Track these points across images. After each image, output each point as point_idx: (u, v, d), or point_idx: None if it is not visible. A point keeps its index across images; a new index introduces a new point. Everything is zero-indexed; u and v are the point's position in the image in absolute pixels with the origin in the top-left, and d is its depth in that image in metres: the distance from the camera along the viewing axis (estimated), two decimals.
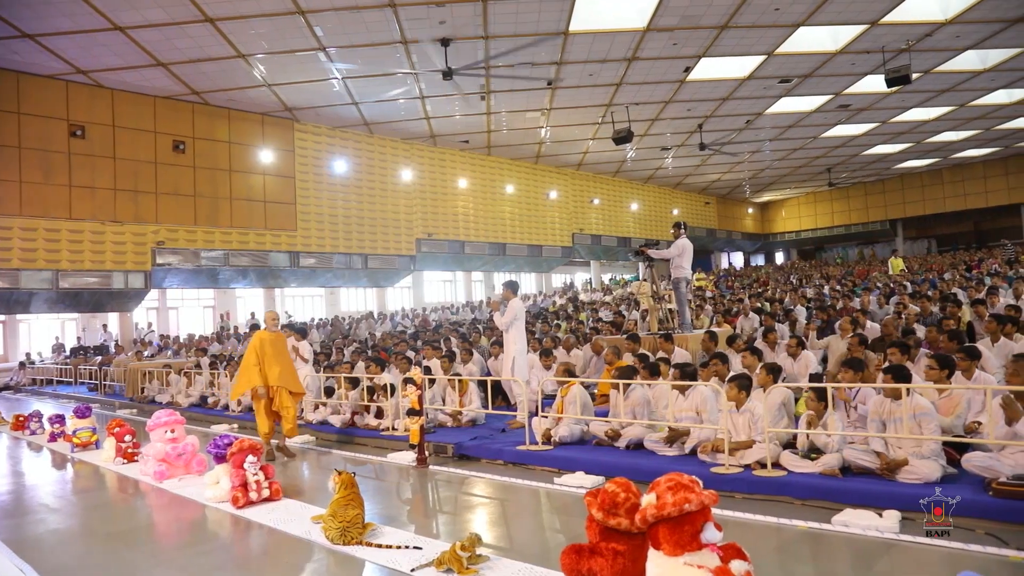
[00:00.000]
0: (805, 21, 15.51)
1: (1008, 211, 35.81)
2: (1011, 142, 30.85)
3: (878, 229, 40.11)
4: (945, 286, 15.46)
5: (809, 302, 15.51)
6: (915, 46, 17.30)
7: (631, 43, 16.16)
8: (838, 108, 22.75)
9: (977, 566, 3.36)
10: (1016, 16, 15.97)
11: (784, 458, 5.90)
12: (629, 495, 3.19)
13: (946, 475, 5.29)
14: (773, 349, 9.36)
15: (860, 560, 4.31)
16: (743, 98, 20.94)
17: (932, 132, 27.44)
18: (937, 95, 21.99)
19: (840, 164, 32.77)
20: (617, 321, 15.25)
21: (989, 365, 7.08)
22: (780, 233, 44.52)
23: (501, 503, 6.11)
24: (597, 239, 32.00)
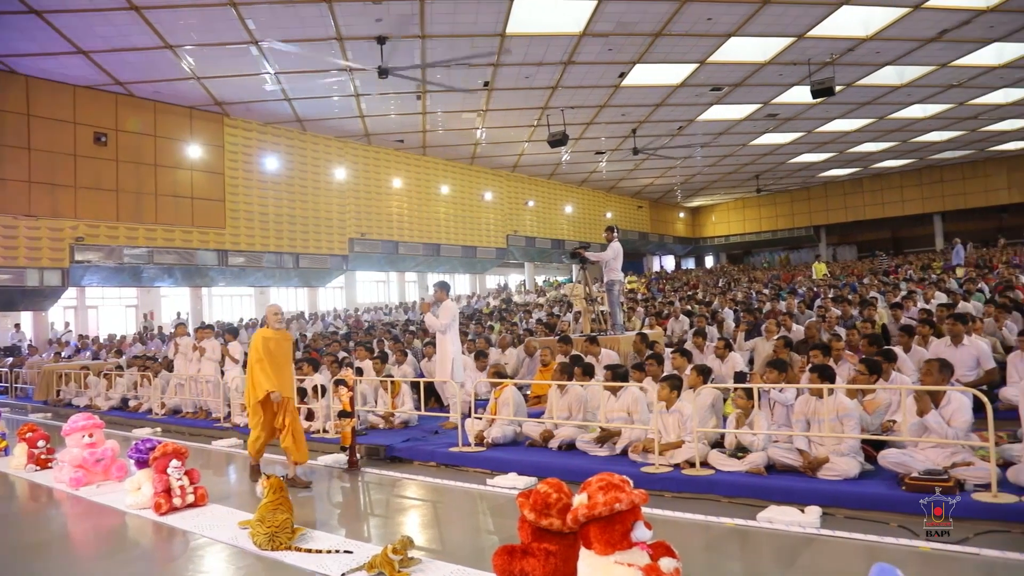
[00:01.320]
0: (736, 32, 15.92)
1: (922, 220, 37.55)
2: (925, 154, 32.33)
3: (803, 235, 41.47)
4: (864, 290, 16.09)
5: (737, 305, 15.92)
6: (839, 60, 17.96)
7: (567, 47, 16.31)
8: (766, 117, 23.43)
9: (891, 558, 3.50)
10: (930, 36, 16.75)
11: (712, 457, 6.03)
12: (561, 495, 3.21)
13: (864, 472, 5.51)
14: (703, 351, 9.57)
15: (783, 555, 4.44)
16: (676, 104, 21.36)
17: (854, 143, 28.53)
18: (859, 107, 22.87)
19: (768, 171, 33.76)
20: (550, 323, 15.36)
21: (906, 367, 7.40)
22: (710, 237, 45.61)
23: (434, 505, 6.07)
24: (532, 241, 32.18)
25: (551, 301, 23.43)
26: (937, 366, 5.71)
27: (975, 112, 24.47)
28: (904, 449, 5.48)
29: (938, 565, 4.12)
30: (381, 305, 28.51)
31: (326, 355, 11.92)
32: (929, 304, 11.62)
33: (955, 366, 6.30)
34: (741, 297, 18.40)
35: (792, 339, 9.31)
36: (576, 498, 3.10)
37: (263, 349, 6.78)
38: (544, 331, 13.96)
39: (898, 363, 7.09)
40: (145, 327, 21.87)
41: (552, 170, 30.85)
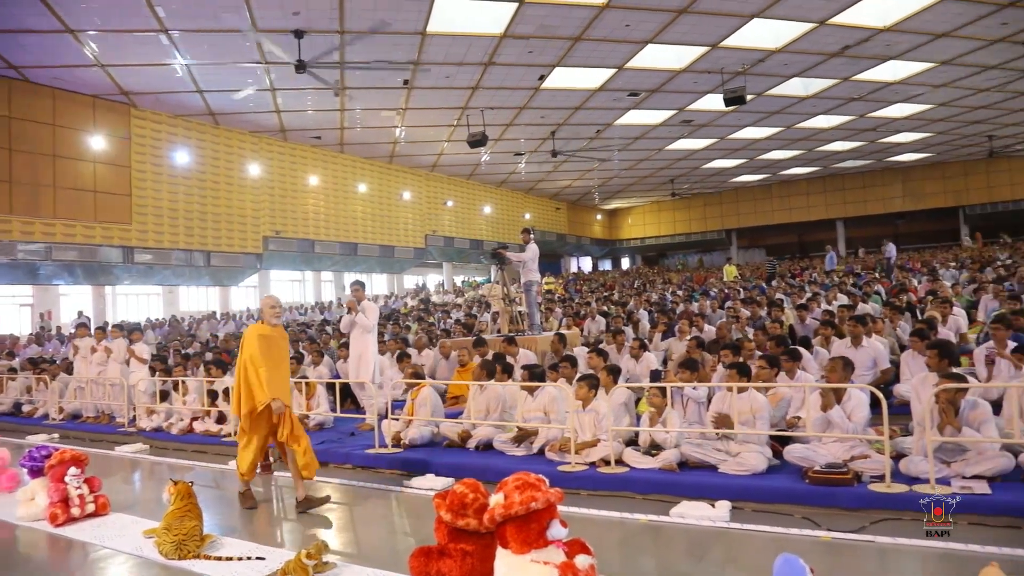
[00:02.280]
0: (653, 39, 16.29)
1: (826, 225, 39.35)
2: (829, 163, 33.88)
3: (715, 238, 42.79)
4: (772, 292, 16.72)
5: (652, 306, 16.28)
6: (750, 70, 18.61)
7: (488, 48, 16.34)
8: (681, 123, 24.06)
9: (795, 548, 3.66)
10: (833, 51, 17.57)
11: (627, 455, 6.15)
12: (478, 496, 3.21)
13: (771, 466, 5.72)
14: (620, 351, 9.74)
15: (695, 548, 4.57)
16: (594, 108, 21.69)
17: (763, 150, 29.63)
18: (768, 116, 23.76)
19: (682, 176, 34.68)
20: (468, 323, 15.36)
21: (810, 366, 7.72)
22: (627, 239, 46.51)
23: (349, 508, 5.98)
24: (450, 241, 32.09)
25: (469, 301, 23.43)
26: (841, 364, 6.02)
27: (874, 124, 25.81)
28: (808, 444, 5.73)
29: (838, 553, 4.32)
30: (296, 305, 27.89)
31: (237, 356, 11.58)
32: (831, 306, 12.17)
33: (855, 365, 6.63)
34: (656, 298, 18.83)
35: (704, 339, 9.59)
36: (493, 498, 3.11)
37: (259, 349, 5.74)
38: (462, 331, 13.95)
39: (803, 362, 7.40)
40: (42, 327, 20.73)
41: (471, 170, 30.86)
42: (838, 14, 15.36)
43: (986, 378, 6.97)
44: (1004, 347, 7.06)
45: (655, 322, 13.09)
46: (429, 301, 26.42)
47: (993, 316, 8.48)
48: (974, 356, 7.46)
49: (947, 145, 30.77)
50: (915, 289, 15.01)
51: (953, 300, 10.73)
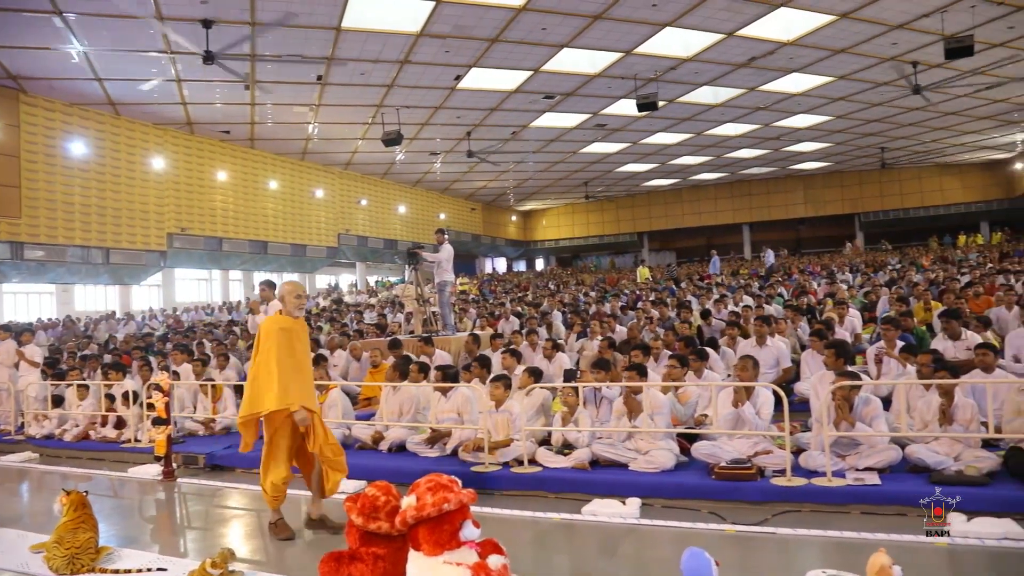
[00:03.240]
0: (569, 43, 16.49)
1: (733, 229, 40.83)
2: (736, 169, 35.12)
3: (627, 240, 43.71)
4: (681, 293, 17.19)
5: (565, 307, 16.47)
6: (662, 77, 19.10)
7: (404, 46, 16.18)
8: (595, 127, 24.46)
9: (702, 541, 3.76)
10: (741, 62, 18.24)
11: (540, 455, 6.20)
12: (389, 498, 3.17)
13: (679, 463, 5.88)
14: (535, 350, 9.81)
15: (606, 544, 4.65)
16: (510, 110, 21.80)
17: (674, 155, 30.44)
18: (679, 122, 24.44)
19: (596, 179, 35.27)
20: (381, 323, 15.18)
21: (717, 365, 7.97)
22: (541, 241, 46.93)
23: (257, 515, 5.80)
24: (364, 240, 31.62)
25: (383, 302, 23.14)
26: (751, 363, 6.24)
27: (778, 133, 26.92)
28: (714, 441, 5.92)
29: (742, 545, 4.48)
30: (203, 305, 26.90)
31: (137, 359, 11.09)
32: (738, 307, 12.60)
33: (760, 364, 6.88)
34: (569, 299, 19.07)
35: (616, 339, 9.77)
36: (405, 500, 3.07)
37: (280, 344, 4.78)
38: (375, 332, 13.76)
39: (709, 361, 7.63)
40: None
41: (386, 169, 30.49)
42: (745, 26, 15.94)
43: (876, 376, 7.36)
44: (893, 347, 7.47)
45: (569, 323, 13.24)
46: (342, 301, 25.96)
47: (883, 318, 8.96)
48: (867, 355, 7.87)
49: (844, 155, 32.42)
50: (814, 292, 15.71)
51: (849, 302, 11.27)
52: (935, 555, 4.15)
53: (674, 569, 3.13)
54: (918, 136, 28.53)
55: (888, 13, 15.48)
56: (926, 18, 15.72)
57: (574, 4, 14.43)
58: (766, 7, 14.92)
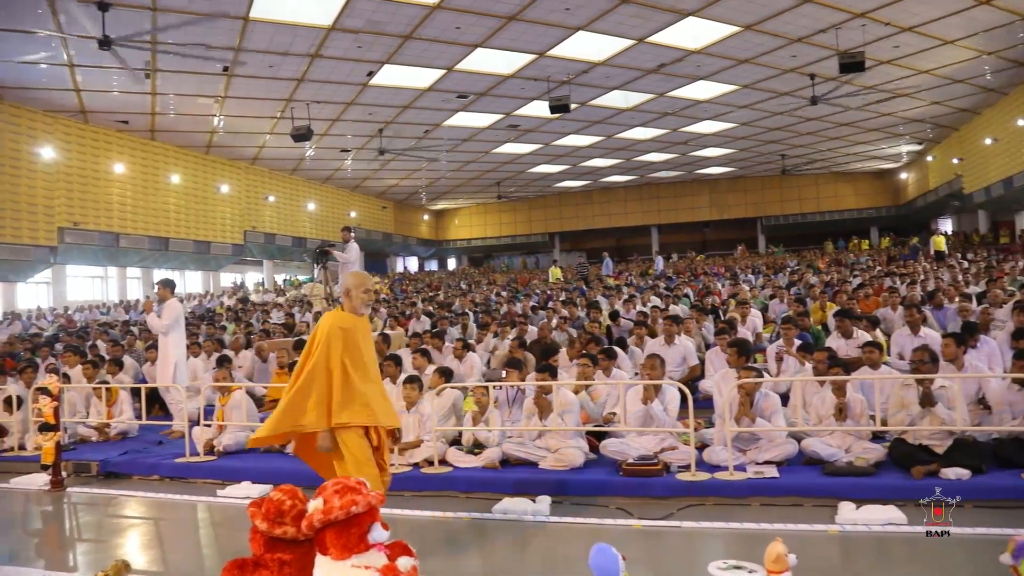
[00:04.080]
0: (483, 43, 16.51)
1: (642, 231, 41.84)
2: (645, 172, 35.99)
3: (539, 241, 44.13)
4: (591, 294, 17.47)
5: (477, 307, 16.49)
6: (574, 80, 19.36)
7: (315, 40, 15.83)
8: (508, 127, 24.58)
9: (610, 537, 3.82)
10: (651, 68, 18.70)
11: (450, 455, 6.19)
12: (296, 502, 3.08)
13: (588, 461, 5.98)
14: (441, 351, 9.76)
15: (517, 543, 4.67)
16: (423, 108, 21.65)
17: (585, 157, 30.93)
18: (591, 125, 24.84)
19: (509, 179, 35.46)
20: (289, 323, 14.82)
21: (626, 365, 8.14)
22: (453, 240, 46.83)
23: (155, 523, 5.56)
24: (271, 238, 30.72)
25: (291, 301, 22.60)
26: (658, 361, 6.40)
27: (686, 138, 27.74)
28: (622, 438, 6.04)
29: (648, 539, 4.59)
30: (98, 304, 25.58)
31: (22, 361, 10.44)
32: (646, 307, 12.90)
33: (667, 363, 7.08)
34: (480, 299, 19.10)
35: (527, 339, 9.85)
36: (311, 503, 3.00)
37: (346, 347, 4.14)
38: (283, 332, 13.42)
39: (618, 360, 7.78)
40: None
41: (295, 165, 29.76)
42: (655, 34, 16.35)
43: (776, 373, 7.68)
44: (791, 345, 7.82)
45: (480, 323, 13.27)
46: (248, 300, 25.19)
47: (782, 317, 9.36)
48: (767, 353, 8.20)
49: (748, 161, 33.72)
50: (719, 292, 16.27)
51: (751, 303, 11.71)
52: (827, 542, 4.38)
53: (583, 565, 3.17)
54: (815, 145, 29.98)
55: (788, 27, 16.20)
56: (823, 33, 16.53)
57: (488, 4, 14.46)
58: (675, 16, 15.35)
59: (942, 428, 5.35)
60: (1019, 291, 10.67)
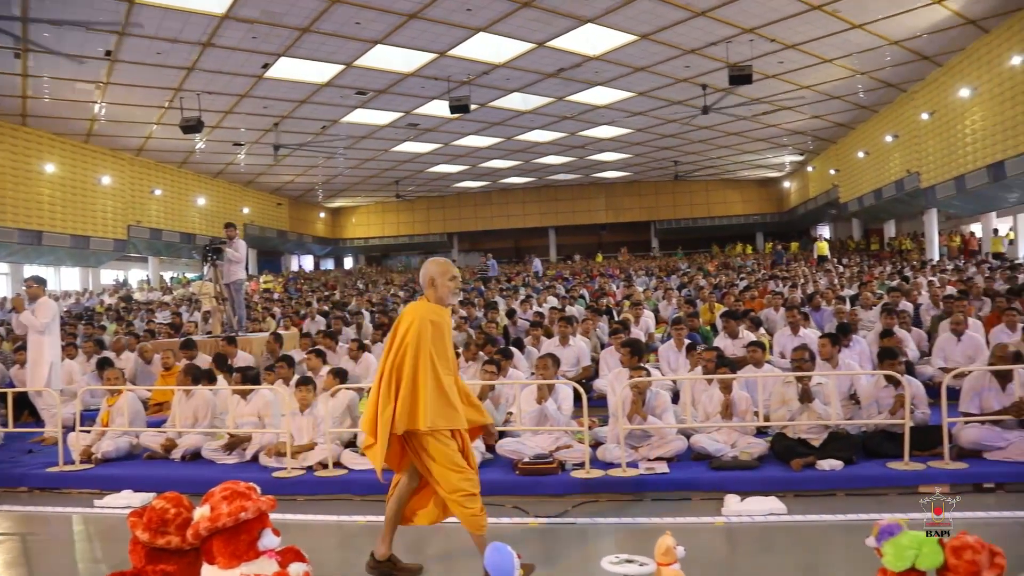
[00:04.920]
0: (383, 40, 16.29)
1: (540, 232, 42.39)
2: (544, 175, 36.47)
3: (438, 241, 43.96)
4: (489, 294, 17.55)
5: (374, 307, 16.27)
6: (475, 80, 19.39)
7: (207, 27, 15.18)
8: (408, 126, 24.36)
9: (506, 536, 3.86)
10: (550, 72, 18.97)
11: (346, 457, 6.08)
12: (180, 510, 2.95)
13: (485, 460, 5.99)
14: (335, 351, 9.58)
15: (413, 545, 4.63)
16: (321, 103, 21.16)
17: (485, 158, 31.04)
18: (490, 126, 24.95)
19: (407, 178, 35.15)
20: (175, 323, 14.20)
21: (522, 365, 8.22)
22: (350, 239, 46.01)
23: (22, 539, 5.20)
24: (157, 233, 29.26)
25: (178, 300, 21.64)
26: (551, 361, 6.50)
27: (583, 142, 28.29)
28: (518, 438, 6.10)
29: (544, 537, 4.65)
30: None
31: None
32: (542, 307, 13.07)
33: (562, 362, 7.20)
34: (377, 299, 18.87)
35: None
36: (198, 511, 2.88)
37: (433, 341, 3.83)
38: (168, 332, 12.84)
39: (514, 360, 7.85)
40: None
41: (184, 158, 28.48)
42: (555, 38, 16.59)
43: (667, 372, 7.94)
44: (681, 345, 8.09)
45: (377, 323, 13.10)
46: (131, 299, 23.94)
47: (673, 318, 9.68)
48: (659, 353, 8.47)
49: (642, 166, 34.72)
50: (613, 293, 16.68)
51: (644, 304, 12.06)
52: (714, 534, 4.57)
53: (479, 565, 3.18)
54: (706, 152, 31.21)
55: (682, 38, 16.78)
56: (714, 46, 17.23)
57: (389, 1, 14.29)
58: (574, 22, 15.63)
59: (819, 423, 5.69)
60: (887, 294, 11.44)
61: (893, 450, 5.47)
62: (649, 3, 14.74)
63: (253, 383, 6.83)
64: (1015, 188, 18.31)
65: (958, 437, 5.52)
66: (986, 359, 6.24)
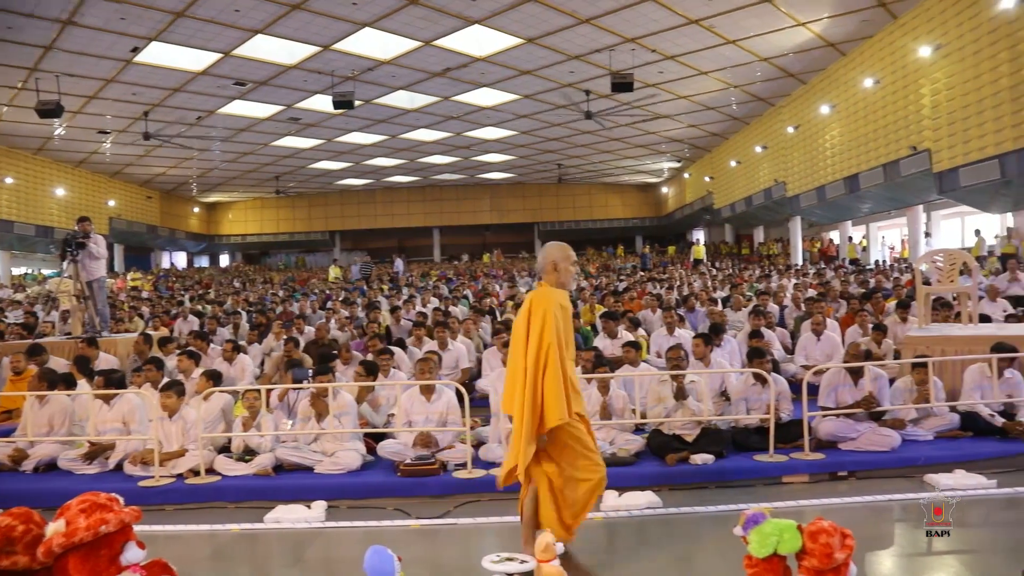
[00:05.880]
0: (264, 30, 15.70)
1: (424, 232, 42.17)
2: (428, 174, 36.29)
3: (319, 239, 42.90)
4: (372, 294, 17.30)
5: (251, 306, 15.70)
6: (360, 76, 19.04)
7: (69, 3, 14.14)
8: (289, 120, 23.64)
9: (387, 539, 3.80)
10: (437, 71, 18.90)
11: (218, 463, 5.82)
12: (30, 526, 2.73)
13: (366, 463, 5.90)
14: (207, 352, 9.17)
15: (290, 551, 4.51)
16: (196, 93, 20.17)
17: (369, 156, 30.55)
18: (375, 124, 24.58)
19: (288, 174, 34.10)
20: (29, 323, 13.17)
21: (404, 365, 8.13)
22: (227, 235, 44.13)
23: None
24: (9, 225, 26.96)
25: (32, 298, 20.10)
26: (431, 363, 6.46)
27: (468, 143, 28.36)
28: (399, 439, 6.04)
29: (425, 538, 4.64)
30: None
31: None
32: (425, 308, 13.00)
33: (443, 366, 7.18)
34: (255, 298, 18.22)
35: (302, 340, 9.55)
36: (51, 526, 2.67)
37: (565, 328, 3.82)
38: (20, 333, 11.88)
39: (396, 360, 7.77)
40: None
41: (41, 144, 26.43)
42: (442, 37, 16.55)
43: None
44: None
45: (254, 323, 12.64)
46: None
47: None
48: None
49: (527, 168, 35.19)
50: (497, 294, 16.80)
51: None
52: (594, 529, 4.67)
53: (359, 569, 3.13)
54: (589, 157, 31.99)
55: (567, 44, 17.13)
56: (597, 53, 17.68)
57: None
58: (462, 22, 15.64)
59: (692, 419, 5.94)
60: (756, 297, 12.10)
61: (760, 443, 5.79)
62: (536, 7, 14.96)
63: (118, 387, 6.43)
64: (868, 199, 19.82)
65: (816, 430, 5.94)
66: (842, 357, 6.70)
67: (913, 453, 5.71)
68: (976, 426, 6.11)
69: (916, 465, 5.55)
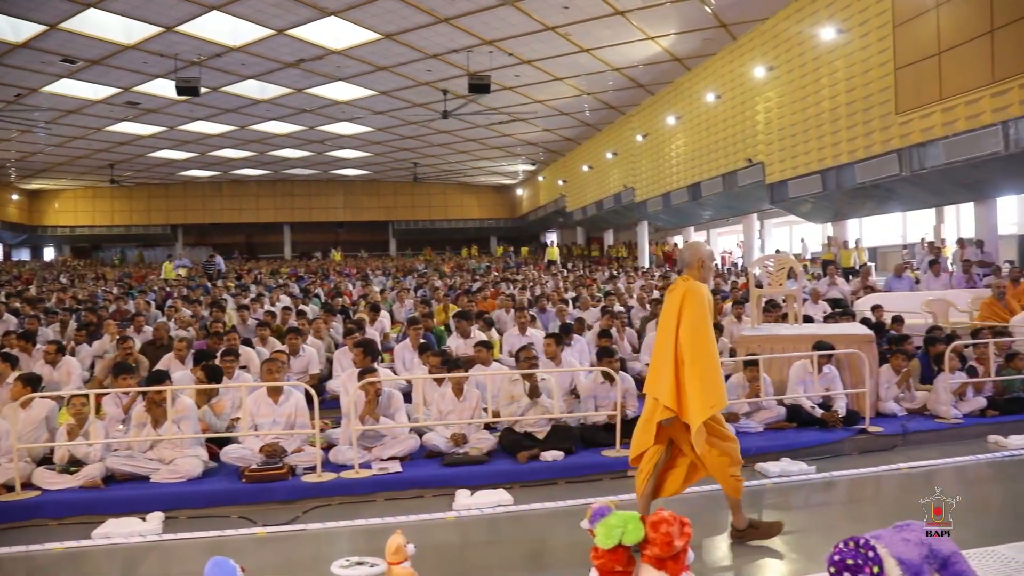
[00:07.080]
0: (97, 4, 14.53)
1: (274, 228, 40.65)
2: (280, 168, 35.04)
3: (159, 232, 40.30)
4: (217, 292, 16.47)
5: (80, 304, 14.52)
6: (206, 62, 18.07)
7: None
8: (126, 104, 22.02)
9: (230, 549, 3.64)
10: (289, 62, 18.27)
11: (38, 476, 5.32)
12: None
13: (208, 470, 5.60)
14: (31, 354, 8.38)
15: (122, 569, 4.24)
16: (15, 67, 18.31)
17: (215, 146, 29.07)
18: (222, 113, 23.42)
19: (125, 162, 31.78)
20: None
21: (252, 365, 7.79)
22: (52, 226, 40.48)
23: None
24: None
25: None
26: (278, 364, 6.23)
27: (322, 137, 27.63)
28: (244, 443, 5.77)
29: (272, 546, 4.48)
30: None
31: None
32: (275, 307, 12.53)
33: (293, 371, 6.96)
34: (85, 295, 16.86)
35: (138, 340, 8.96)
36: None
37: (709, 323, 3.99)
38: None
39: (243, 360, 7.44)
40: None
41: None
42: (296, 27, 16.03)
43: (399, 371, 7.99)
44: (416, 344, 8.20)
45: (84, 322, 11.68)
46: None
47: (408, 318, 9.78)
48: (394, 352, 8.51)
49: (382, 166, 34.76)
50: (349, 293, 16.47)
51: (381, 304, 12.03)
52: (445, 529, 4.69)
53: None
54: (445, 156, 32.04)
55: (425, 42, 17.07)
56: (455, 53, 17.75)
57: None
58: (317, 12, 15.21)
59: (543, 416, 6.08)
60: (604, 297, 12.55)
61: (607, 439, 6.01)
62: (394, 3, 14.81)
63: None
64: (708, 206, 21.11)
65: None
66: None
67: (745, 444, 6.11)
68: (800, 417, 6.66)
69: (748, 456, 5.97)
